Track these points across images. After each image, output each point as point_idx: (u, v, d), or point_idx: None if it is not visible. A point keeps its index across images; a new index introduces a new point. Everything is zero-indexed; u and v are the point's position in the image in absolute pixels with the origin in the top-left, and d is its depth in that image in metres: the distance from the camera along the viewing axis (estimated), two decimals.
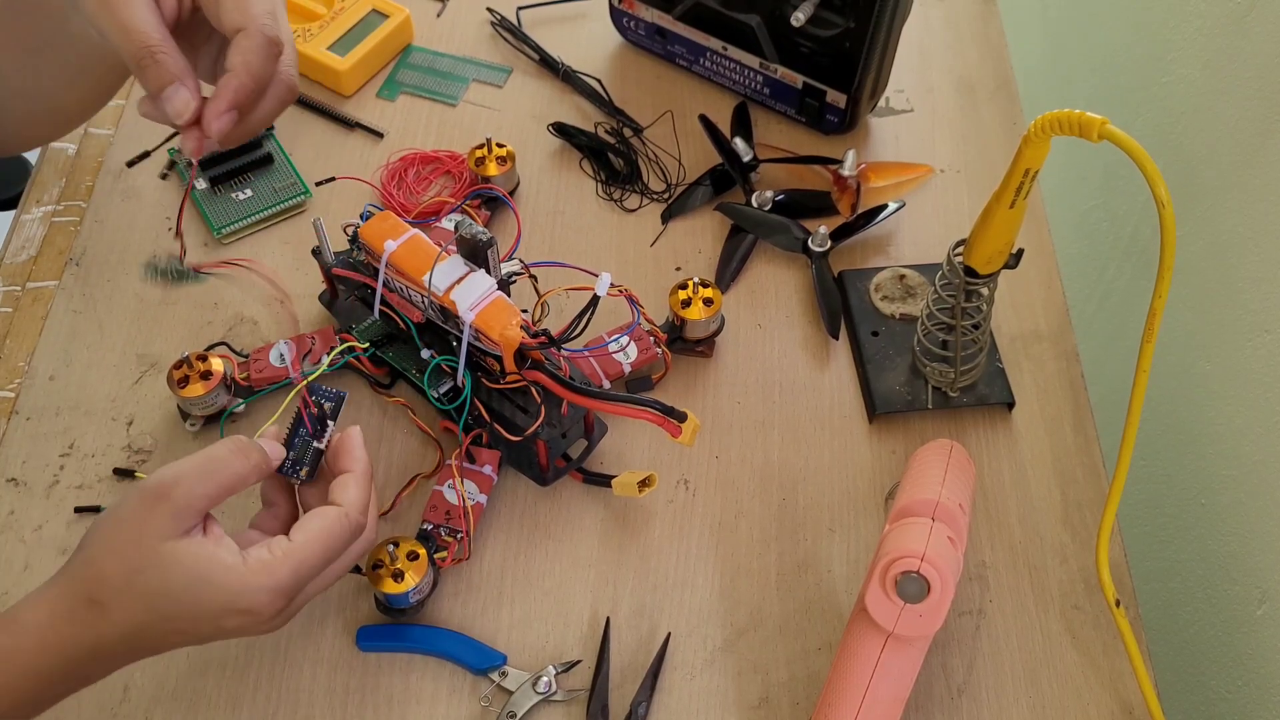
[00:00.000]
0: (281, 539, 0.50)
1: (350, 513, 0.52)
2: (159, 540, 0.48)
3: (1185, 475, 0.79)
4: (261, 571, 0.49)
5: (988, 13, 0.92)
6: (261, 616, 0.49)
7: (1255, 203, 0.70)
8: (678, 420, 0.57)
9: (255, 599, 0.48)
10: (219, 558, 0.48)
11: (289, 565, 0.49)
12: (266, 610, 0.49)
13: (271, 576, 0.49)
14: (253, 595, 0.48)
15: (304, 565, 0.50)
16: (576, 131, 0.82)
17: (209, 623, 0.49)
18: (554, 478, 0.66)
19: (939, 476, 0.59)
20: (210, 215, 0.76)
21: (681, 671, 0.61)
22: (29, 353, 0.71)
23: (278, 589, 0.49)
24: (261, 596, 0.48)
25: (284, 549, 0.50)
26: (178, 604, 0.48)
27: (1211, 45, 0.76)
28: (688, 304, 0.69)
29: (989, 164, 0.83)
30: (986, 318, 0.66)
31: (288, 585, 0.49)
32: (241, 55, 0.53)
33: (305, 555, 0.50)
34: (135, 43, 0.52)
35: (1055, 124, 0.52)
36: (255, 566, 0.49)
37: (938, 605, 0.52)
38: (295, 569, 0.49)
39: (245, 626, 0.49)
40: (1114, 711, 0.61)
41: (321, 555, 0.51)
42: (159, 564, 0.47)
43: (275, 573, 0.49)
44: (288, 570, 0.49)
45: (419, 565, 0.59)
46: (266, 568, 0.49)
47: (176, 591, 0.48)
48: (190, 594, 0.48)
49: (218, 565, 0.48)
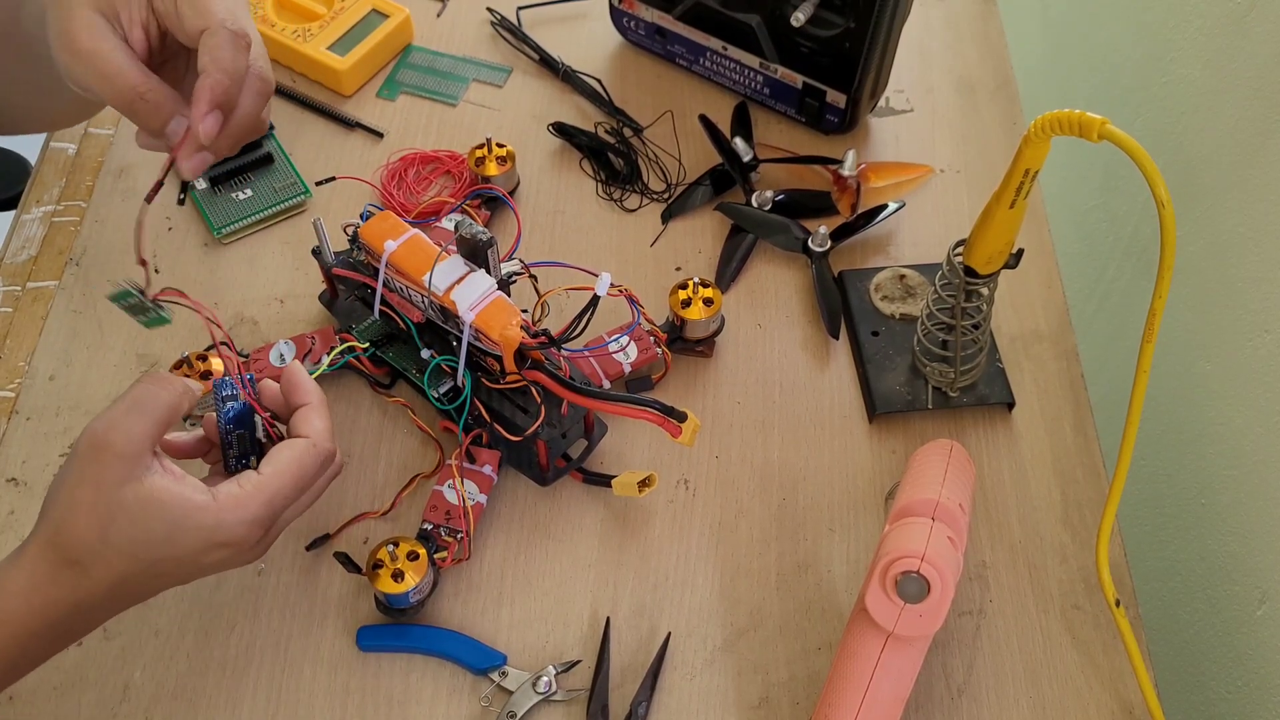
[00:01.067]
0: (251, 474, 0.51)
1: (318, 442, 0.53)
2: (118, 488, 0.48)
3: (1185, 475, 0.79)
4: (235, 506, 0.49)
5: (988, 13, 0.92)
6: (241, 548, 0.50)
7: (1255, 202, 0.70)
8: (678, 420, 0.57)
9: (232, 532, 0.49)
10: (188, 496, 0.49)
11: (261, 497, 0.50)
12: (245, 542, 0.50)
13: (245, 509, 0.49)
14: (229, 529, 0.49)
15: (278, 495, 0.51)
16: (576, 131, 0.82)
17: (190, 562, 0.50)
18: (554, 478, 0.66)
19: (939, 476, 0.59)
20: (210, 215, 0.76)
21: (681, 671, 0.61)
22: (29, 352, 0.71)
23: (255, 520, 0.50)
24: (239, 530, 0.49)
25: (254, 482, 0.50)
26: (157, 548, 0.48)
27: (1211, 45, 0.76)
28: (688, 304, 0.69)
29: (989, 164, 0.83)
30: (986, 318, 0.66)
31: (263, 516, 0.50)
32: (210, 54, 0.53)
33: (278, 485, 0.51)
34: (120, 89, 0.52)
35: (1055, 124, 0.52)
36: (227, 502, 0.49)
37: (938, 605, 0.52)
38: (269, 500, 0.50)
39: (227, 560, 0.50)
40: (1114, 711, 0.61)
41: (294, 485, 0.52)
42: (127, 511, 0.48)
43: (248, 505, 0.50)
44: (260, 502, 0.50)
45: (419, 565, 0.59)
46: (238, 501, 0.49)
47: (153, 536, 0.48)
48: (167, 536, 0.48)
49: (189, 504, 0.48)
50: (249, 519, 0.50)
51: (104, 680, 0.60)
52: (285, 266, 0.75)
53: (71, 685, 0.59)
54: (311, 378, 0.56)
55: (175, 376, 0.52)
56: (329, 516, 0.65)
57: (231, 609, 0.62)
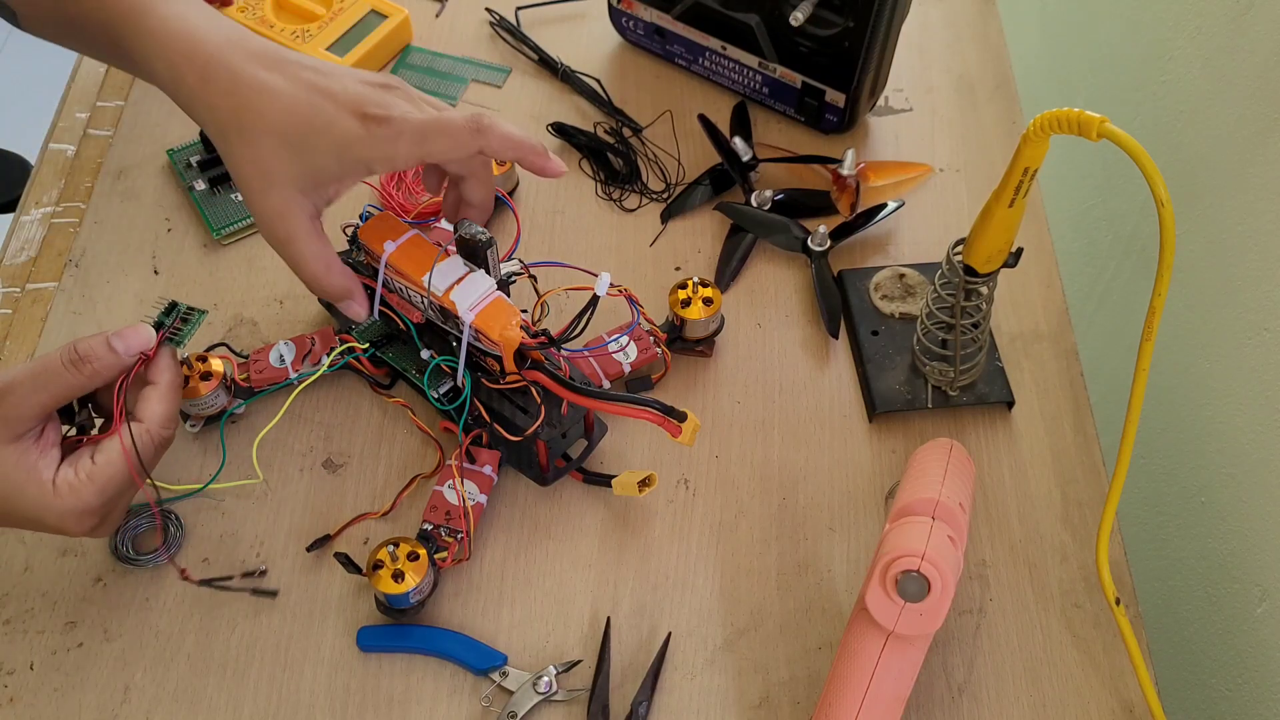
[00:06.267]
0: (86, 460, 0.53)
1: (152, 429, 0.54)
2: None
3: (1185, 473, 0.79)
4: (68, 494, 0.52)
5: (987, 12, 0.92)
6: (72, 532, 0.53)
7: (1255, 201, 0.70)
8: (678, 420, 0.57)
9: (62, 520, 0.52)
10: (36, 473, 0.52)
11: (94, 487, 0.52)
12: (75, 528, 0.53)
13: (78, 499, 0.52)
14: (59, 516, 0.52)
15: (110, 484, 0.53)
16: (576, 131, 0.82)
17: (26, 522, 0.53)
18: (554, 478, 0.66)
19: (939, 475, 0.59)
20: (210, 216, 0.76)
21: (682, 671, 0.61)
22: (29, 354, 0.71)
23: (85, 510, 0.52)
24: (68, 519, 0.52)
25: (88, 471, 0.52)
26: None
27: (1211, 44, 0.76)
28: (687, 304, 0.69)
29: (988, 163, 0.83)
30: (986, 316, 0.66)
31: (95, 506, 0.52)
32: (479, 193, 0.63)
33: (110, 474, 0.53)
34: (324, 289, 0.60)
35: (1054, 123, 0.52)
36: (62, 489, 0.52)
37: (938, 604, 0.52)
38: (101, 489, 0.52)
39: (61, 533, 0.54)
40: (1114, 710, 0.61)
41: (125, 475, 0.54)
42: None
43: (80, 495, 0.52)
44: (92, 492, 0.52)
45: (419, 565, 0.59)
46: (73, 490, 0.52)
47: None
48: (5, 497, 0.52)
49: (32, 481, 0.51)
50: (79, 508, 0.52)
51: (105, 681, 0.60)
52: (284, 268, 0.74)
53: (72, 687, 0.60)
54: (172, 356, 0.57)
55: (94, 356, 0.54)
56: (329, 517, 0.65)
57: (232, 609, 0.62)
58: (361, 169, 0.57)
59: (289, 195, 0.56)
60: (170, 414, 0.56)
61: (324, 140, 0.55)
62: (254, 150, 0.55)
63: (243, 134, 0.55)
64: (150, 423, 0.54)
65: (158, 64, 0.56)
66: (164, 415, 0.55)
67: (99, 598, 0.62)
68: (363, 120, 0.55)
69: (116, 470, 0.53)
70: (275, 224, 0.57)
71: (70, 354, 0.53)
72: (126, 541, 0.63)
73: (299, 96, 0.55)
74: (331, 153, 0.55)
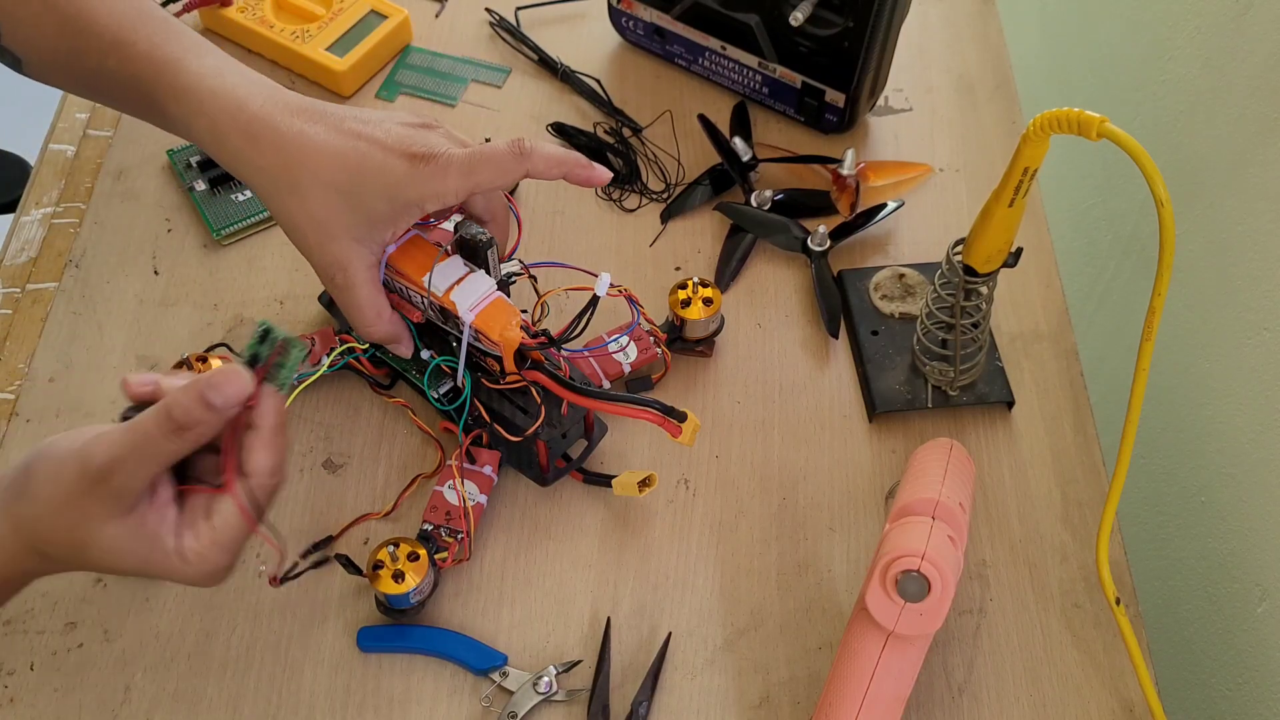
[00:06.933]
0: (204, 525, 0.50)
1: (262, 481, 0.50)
2: (101, 524, 0.48)
3: (1185, 473, 0.79)
4: (198, 563, 0.50)
5: (986, 12, 0.92)
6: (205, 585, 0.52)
7: (1255, 201, 0.70)
8: (678, 420, 0.57)
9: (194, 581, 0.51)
10: (158, 543, 0.49)
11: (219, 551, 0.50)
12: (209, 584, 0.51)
13: (207, 564, 0.50)
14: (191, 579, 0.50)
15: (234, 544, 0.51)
16: (575, 131, 0.82)
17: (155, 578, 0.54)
18: (554, 478, 0.66)
19: (939, 475, 0.59)
20: (210, 217, 0.76)
21: (682, 671, 0.61)
22: (29, 355, 0.71)
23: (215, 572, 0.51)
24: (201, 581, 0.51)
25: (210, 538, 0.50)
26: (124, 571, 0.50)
27: (1210, 44, 0.76)
28: (687, 304, 0.69)
29: (988, 163, 0.83)
30: (986, 316, 0.66)
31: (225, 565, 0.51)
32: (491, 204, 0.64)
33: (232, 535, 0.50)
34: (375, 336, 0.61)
35: (1054, 122, 0.52)
36: (190, 559, 0.49)
37: (938, 604, 0.52)
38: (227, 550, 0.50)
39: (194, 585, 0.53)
40: (1114, 709, 0.61)
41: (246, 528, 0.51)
42: (102, 546, 0.48)
43: (210, 560, 0.50)
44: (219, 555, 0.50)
45: (419, 566, 0.59)
46: (201, 558, 0.50)
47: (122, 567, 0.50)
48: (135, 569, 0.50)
49: (157, 552, 0.49)
50: (210, 572, 0.50)
51: (105, 682, 0.60)
52: (284, 268, 0.75)
53: (72, 687, 0.60)
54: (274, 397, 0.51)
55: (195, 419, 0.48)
56: (330, 517, 0.65)
57: (232, 610, 0.62)
58: (414, 208, 0.57)
59: (347, 245, 0.57)
60: (278, 463, 0.51)
61: (374, 184, 0.56)
62: (307, 204, 0.56)
63: (295, 190, 0.56)
64: (259, 475, 0.50)
65: (197, 122, 0.57)
66: (271, 465, 0.50)
67: (99, 598, 0.62)
68: (409, 160, 0.56)
69: (236, 530, 0.50)
70: (335, 274, 0.58)
71: (167, 423, 0.48)
72: None
73: (345, 145, 0.56)
74: (383, 196, 0.56)
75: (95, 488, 0.47)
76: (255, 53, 0.86)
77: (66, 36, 0.59)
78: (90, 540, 0.48)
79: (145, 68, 0.58)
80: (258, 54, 0.86)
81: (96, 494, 0.47)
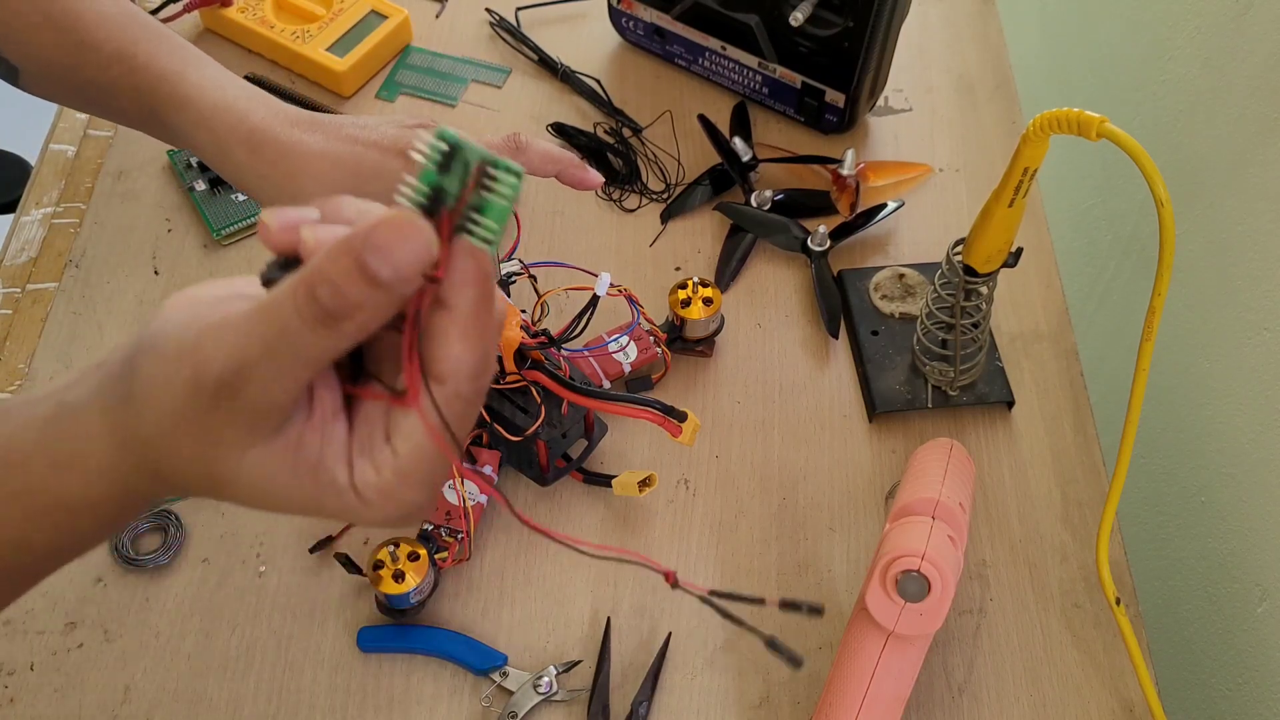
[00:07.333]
0: (385, 450, 0.37)
1: (460, 387, 0.36)
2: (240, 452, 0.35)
3: (1185, 473, 0.79)
4: (382, 502, 0.37)
5: (986, 12, 0.92)
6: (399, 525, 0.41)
7: (1254, 201, 0.70)
8: (678, 420, 0.57)
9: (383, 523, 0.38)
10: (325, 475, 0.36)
11: (409, 485, 0.37)
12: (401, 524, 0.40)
13: (396, 504, 0.37)
14: (376, 520, 0.38)
15: (429, 475, 0.37)
16: (576, 132, 0.82)
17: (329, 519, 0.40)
18: (554, 478, 0.66)
19: (939, 475, 0.59)
20: (210, 217, 0.76)
21: (682, 671, 0.61)
22: (29, 355, 0.71)
23: (407, 513, 0.38)
24: (391, 522, 0.38)
25: (393, 468, 0.37)
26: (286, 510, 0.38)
27: (1210, 44, 0.76)
28: (687, 304, 0.69)
29: (988, 163, 0.83)
30: (986, 316, 0.66)
31: (419, 503, 0.38)
32: None
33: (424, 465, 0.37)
34: None
35: (1054, 123, 0.52)
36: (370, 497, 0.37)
37: (938, 604, 0.52)
38: (420, 483, 0.37)
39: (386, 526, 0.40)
40: (1114, 709, 0.61)
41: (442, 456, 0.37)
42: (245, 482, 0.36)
43: (398, 498, 0.37)
44: (410, 490, 0.37)
45: (420, 566, 0.59)
46: (385, 495, 0.37)
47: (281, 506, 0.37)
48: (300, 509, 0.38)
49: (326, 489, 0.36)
50: (401, 513, 0.38)
51: (105, 681, 0.60)
52: None
53: (72, 687, 0.60)
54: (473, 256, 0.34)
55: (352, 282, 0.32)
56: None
57: (232, 610, 0.62)
58: None
59: None
60: (481, 359, 0.36)
61: (374, 186, 0.56)
62: None
63: (298, 198, 0.56)
64: (456, 380, 0.35)
65: (199, 133, 0.58)
66: (472, 364, 0.35)
67: (99, 598, 0.62)
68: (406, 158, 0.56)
69: (430, 458, 0.36)
70: None
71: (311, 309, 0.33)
72: (126, 542, 0.63)
73: (343, 150, 0.57)
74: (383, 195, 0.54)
75: (221, 403, 0.34)
76: (255, 53, 0.86)
77: (66, 48, 0.60)
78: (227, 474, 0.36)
79: (147, 79, 0.59)
80: (258, 54, 0.86)
81: (224, 412, 0.34)
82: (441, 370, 0.35)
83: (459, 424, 0.36)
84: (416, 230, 0.33)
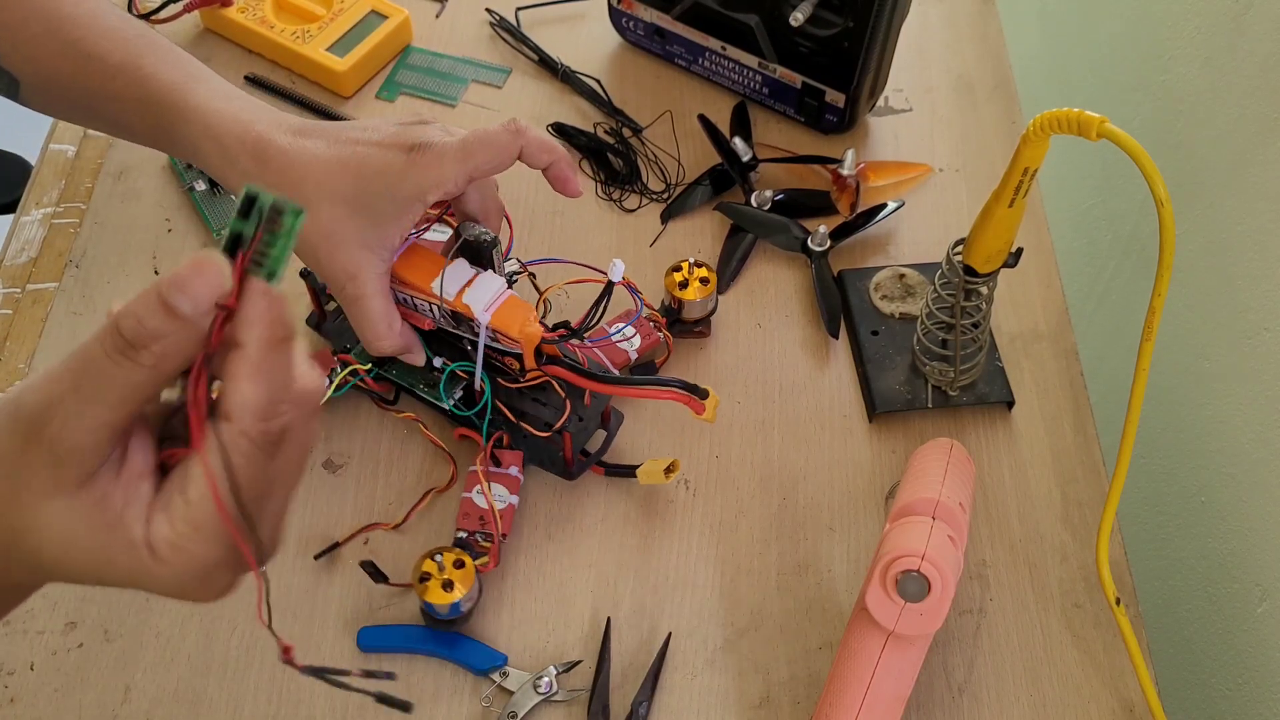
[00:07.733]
0: (178, 500, 0.35)
1: (247, 427, 0.34)
2: (41, 498, 0.34)
3: (1185, 473, 0.79)
4: (174, 558, 0.35)
5: (986, 12, 0.92)
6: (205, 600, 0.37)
7: (1255, 201, 0.70)
8: (700, 397, 0.57)
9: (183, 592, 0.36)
10: (121, 532, 0.34)
11: (196, 537, 0.34)
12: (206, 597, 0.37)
13: (188, 561, 0.35)
14: (169, 584, 0.35)
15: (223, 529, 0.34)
16: (576, 132, 0.82)
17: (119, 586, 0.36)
18: (579, 471, 0.65)
19: (939, 475, 0.59)
20: (210, 217, 0.76)
21: (682, 671, 0.61)
22: (29, 355, 0.71)
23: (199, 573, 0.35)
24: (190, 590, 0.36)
25: (186, 518, 0.34)
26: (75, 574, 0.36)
27: (1210, 43, 0.76)
28: (684, 285, 0.69)
29: (988, 163, 0.83)
30: (986, 316, 0.66)
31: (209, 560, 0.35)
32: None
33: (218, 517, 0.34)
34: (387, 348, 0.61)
35: (1054, 123, 0.52)
36: (163, 552, 0.34)
37: (938, 604, 0.52)
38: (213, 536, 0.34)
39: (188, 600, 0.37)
40: (1115, 709, 0.61)
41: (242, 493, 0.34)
42: (42, 535, 0.35)
43: (185, 552, 0.34)
44: (198, 543, 0.34)
45: (466, 574, 0.58)
46: (178, 551, 0.34)
47: (72, 567, 0.36)
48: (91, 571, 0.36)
49: (119, 545, 0.34)
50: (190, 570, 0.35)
51: (105, 682, 0.60)
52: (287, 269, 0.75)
53: (72, 687, 0.60)
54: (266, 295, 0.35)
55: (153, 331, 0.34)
56: (331, 518, 0.65)
57: (233, 610, 0.62)
58: (416, 202, 0.58)
59: (356, 254, 0.58)
60: (267, 398, 0.34)
61: (375, 184, 0.57)
62: (317, 218, 0.57)
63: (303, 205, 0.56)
64: (241, 418, 0.34)
65: (206, 143, 0.59)
66: (256, 402, 0.34)
67: (99, 598, 0.62)
68: (406, 152, 0.57)
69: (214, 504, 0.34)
70: (346, 284, 0.59)
71: (114, 340, 0.34)
72: None
73: (344, 152, 0.58)
74: (385, 194, 0.57)
75: (28, 447, 0.34)
76: (255, 53, 0.86)
77: (70, 59, 0.60)
78: (26, 521, 0.34)
79: (153, 89, 0.59)
80: (258, 54, 0.86)
81: (29, 456, 0.34)
82: (228, 407, 0.34)
83: (248, 468, 0.34)
84: (212, 265, 0.34)
